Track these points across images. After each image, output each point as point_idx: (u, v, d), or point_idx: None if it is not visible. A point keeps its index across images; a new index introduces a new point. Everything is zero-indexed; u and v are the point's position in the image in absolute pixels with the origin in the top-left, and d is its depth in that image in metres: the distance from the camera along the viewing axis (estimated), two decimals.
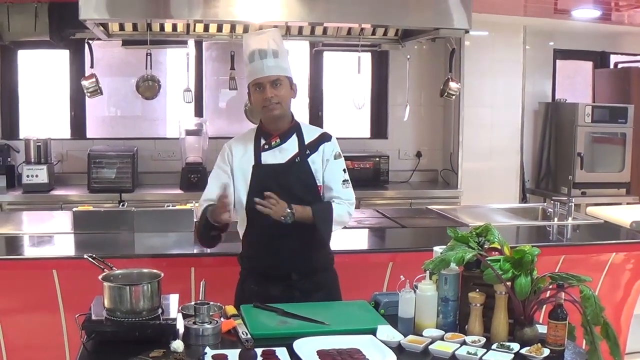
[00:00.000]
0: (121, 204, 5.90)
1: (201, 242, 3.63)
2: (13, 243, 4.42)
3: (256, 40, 3.47)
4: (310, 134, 3.57)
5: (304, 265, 3.50)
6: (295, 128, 3.55)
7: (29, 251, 4.39)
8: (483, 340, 2.80)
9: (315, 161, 3.51)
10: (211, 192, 3.52)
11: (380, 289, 4.03)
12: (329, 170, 3.54)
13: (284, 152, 3.50)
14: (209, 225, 3.43)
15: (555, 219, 5.42)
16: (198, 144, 6.85)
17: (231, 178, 3.52)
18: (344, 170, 3.60)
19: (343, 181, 3.57)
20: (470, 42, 7.28)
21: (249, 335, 2.80)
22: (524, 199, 7.99)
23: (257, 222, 3.45)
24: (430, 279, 3.01)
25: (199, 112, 7.34)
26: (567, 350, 2.75)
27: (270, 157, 3.50)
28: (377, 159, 7.19)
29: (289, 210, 3.32)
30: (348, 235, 4.55)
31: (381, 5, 5.56)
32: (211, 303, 2.93)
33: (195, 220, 4.63)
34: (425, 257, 3.08)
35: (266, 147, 3.51)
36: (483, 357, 2.64)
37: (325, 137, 3.58)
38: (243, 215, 3.51)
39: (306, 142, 3.53)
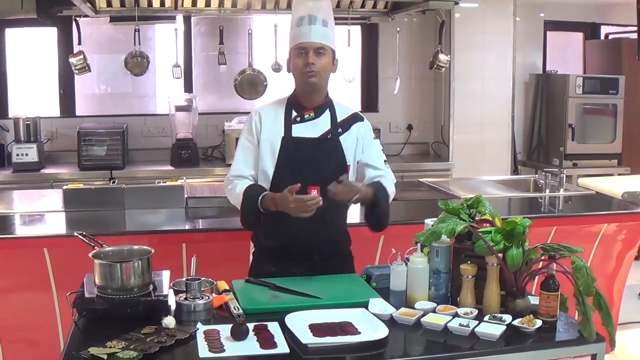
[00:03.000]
0: (112, 181, 5.88)
1: (247, 226, 3.47)
2: (3, 222, 4.40)
3: (308, 6, 3.39)
4: (342, 112, 3.49)
5: (327, 246, 3.42)
6: (329, 104, 3.47)
7: (20, 230, 4.37)
8: (475, 312, 2.80)
9: (346, 140, 3.43)
10: (240, 168, 3.44)
11: (372, 262, 4.03)
12: (371, 151, 3.50)
13: (317, 127, 3.41)
14: (257, 210, 3.33)
15: (547, 191, 5.42)
16: (188, 119, 6.81)
17: (257, 148, 3.41)
18: (382, 149, 3.59)
19: (384, 160, 3.55)
20: (460, 14, 7.24)
21: (240, 311, 2.80)
22: (515, 171, 7.99)
23: None
24: (422, 251, 3.01)
25: (188, 87, 7.29)
26: (560, 321, 2.76)
27: (302, 131, 3.40)
28: None
29: (357, 195, 3.24)
30: None
31: None
32: (202, 279, 2.92)
33: (185, 196, 4.66)
34: (417, 229, 3.07)
35: (298, 119, 3.41)
36: (475, 329, 2.64)
37: (357, 117, 3.52)
38: (267, 187, 3.38)
39: (338, 120, 3.45)
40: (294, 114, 3.43)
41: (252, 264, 3.57)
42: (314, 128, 3.41)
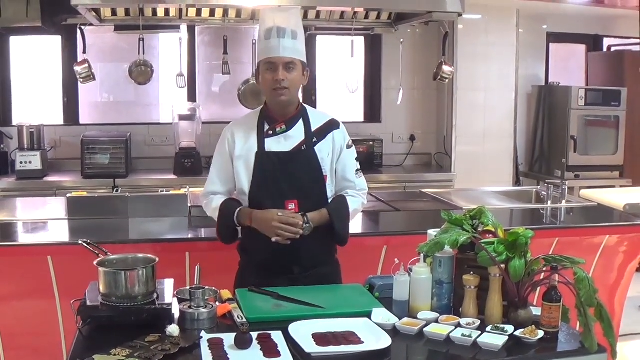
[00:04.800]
0: (115, 189, 5.88)
1: (223, 240, 3.51)
2: (7, 230, 4.42)
3: (277, 17, 3.33)
4: (317, 120, 3.45)
5: (307, 259, 3.40)
6: (302, 113, 3.43)
7: (24, 238, 4.39)
8: (477, 322, 2.80)
9: (322, 150, 3.40)
10: (215, 184, 3.48)
11: (374, 272, 4.03)
12: (343, 161, 3.47)
13: (289, 140, 3.38)
14: (233, 225, 3.39)
15: (549, 202, 5.42)
16: (191, 129, 6.83)
17: (229, 164, 3.43)
18: (356, 159, 3.56)
19: (356, 171, 3.53)
20: (464, 26, 7.27)
21: (244, 319, 2.80)
22: (517, 182, 8.00)
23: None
24: (425, 261, 3.01)
25: (192, 97, 7.32)
26: (561, 332, 2.76)
27: (275, 144, 3.37)
28: (371, 142, 7.19)
29: (306, 225, 3.26)
30: None
31: None
32: (206, 287, 2.93)
33: (189, 205, 4.66)
34: (420, 240, 3.08)
35: (270, 133, 3.38)
36: (477, 339, 2.65)
37: (333, 125, 3.48)
38: (245, 203, 3.42)
39: (313, 129, 3.41)
40: (267, 127, 3.41)
41: (237, 273, 3.57)
42: (285, 141, 3.39)
